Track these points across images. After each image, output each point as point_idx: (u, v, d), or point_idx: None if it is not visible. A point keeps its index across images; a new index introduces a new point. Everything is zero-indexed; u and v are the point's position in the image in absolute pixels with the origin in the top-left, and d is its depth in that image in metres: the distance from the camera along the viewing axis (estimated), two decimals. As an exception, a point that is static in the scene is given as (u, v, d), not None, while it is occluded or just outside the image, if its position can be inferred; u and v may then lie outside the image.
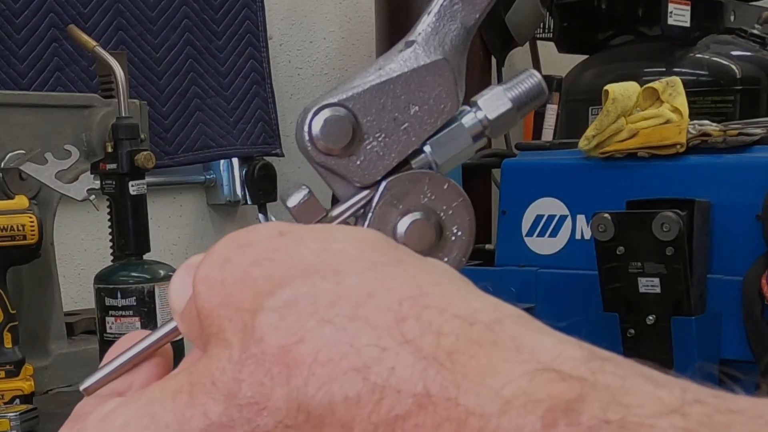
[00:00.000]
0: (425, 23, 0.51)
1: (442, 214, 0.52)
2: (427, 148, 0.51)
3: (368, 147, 0.50)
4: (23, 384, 1.47)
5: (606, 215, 2.02)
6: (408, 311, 0.33)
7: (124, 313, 1.43)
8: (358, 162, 0.50)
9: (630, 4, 2.74)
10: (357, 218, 0.52)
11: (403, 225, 0.51)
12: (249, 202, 2.73)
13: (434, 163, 0.51)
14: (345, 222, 0.51)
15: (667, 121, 2.10)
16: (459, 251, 0.52)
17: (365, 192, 0.51)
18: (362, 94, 0.50)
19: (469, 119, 0.52)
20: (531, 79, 0.52)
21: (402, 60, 0.51)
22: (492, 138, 0.53)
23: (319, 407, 0.32)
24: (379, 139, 0.50)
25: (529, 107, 0.52)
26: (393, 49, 0.51)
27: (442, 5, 0.51)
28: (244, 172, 2.70)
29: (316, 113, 0.50)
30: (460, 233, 0.52)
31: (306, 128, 0.50)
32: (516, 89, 0.52)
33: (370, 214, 0.51)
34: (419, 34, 0.51)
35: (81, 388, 0.46)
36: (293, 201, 0.49)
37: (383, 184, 0.51)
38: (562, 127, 2.84)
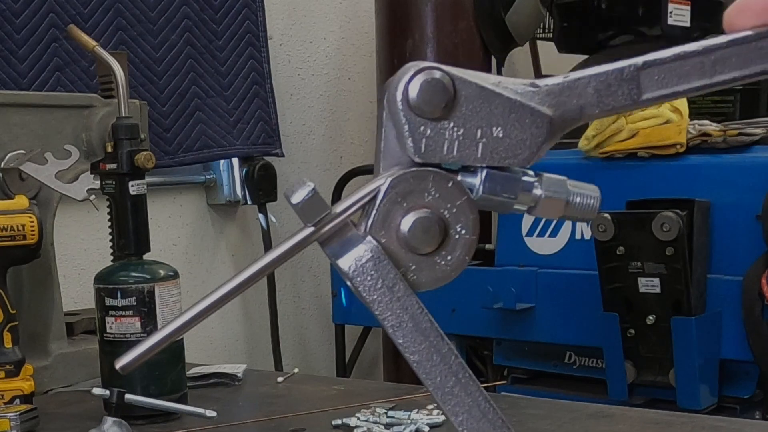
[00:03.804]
0: (557, 82, 0.52)
1: (446, 212, 0.52)
2: (482, 175, 0.52)
3: (442, 130, 0.51)
4: (23, 384, 1.47)
5: (606, 215, 2.02)
6: None
7: (124, 313, 1.43)
8: (425, 137, 0.51)
9: (630, 4, 2.75)
10: (362, 214, 0.52)
11: (407, 222, 0.51)
12: (249, 202, 2.73)
13: (478, 191, 0.52)
14: (349, 218, 0.51)
15: (667, 121, 2.10)
16: (463, 250, 0.52)
17: (370, 188, 0.51)
18: (473, 84, 0.51)
19: (527, 185, 0.53)
20: (593, 201, 0.54)
21: (520, 90, 0.52)
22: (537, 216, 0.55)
23: None
24: (455, 132, 0.51)
25: (573, 214, 0.54)
26: (518, 79, 0.53)
27: (586, 88, 0.52)
28: (244, 172, 2.70)
29: (425, 70, 0.50)
30: (464, 231, 0.52)
31: (411, 75, 0.51)
32: (579, 197, 0.54)
33: (374, 211, 0.51)
34: (548, 84, 0.52)
35: (118, 366, 0.47)
36: (297, 197, 0.49)
37: (388, 181, 0.51)
38: (561, 127, 2.84)
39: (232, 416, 1.45)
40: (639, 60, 0.53)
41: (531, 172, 0.53)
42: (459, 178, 0.52)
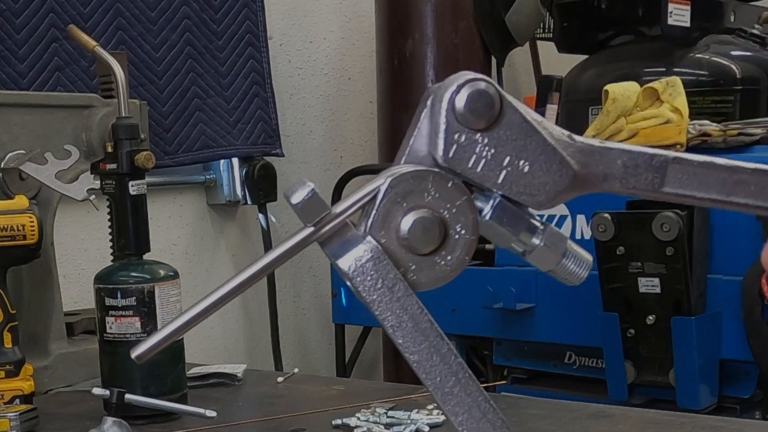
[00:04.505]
0: (593, 143, 0.54)
1: (446, 212, 0.52)
2: (494, 201, 0.53)
3: (474, 143, 0.52)
4: (23, 384, 1.47)
5: (606, 215, 2.02)
6: None
7: (124, 313, 1.43)
8: (457, 143, 0.52)
9: (630, 4, 2.74)
10: (361, 214, 0.52)
11: (407, 222, 0.51)
12: (249, 202, 2.73)
13: (486, 215, 0.53)
14: (349, 218, 0.51)
15: (667, 121, 2.10)
16: (462, 250, 0.52)
17: (370, 188, 0.51)
18: (519, 113, 0.51)
19: (531, 227, 0.54)
20: (582, 272, 0.55)
21: (557, 135, 0.53)
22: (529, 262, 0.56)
23: None
24: (486, 151, 0.52)
25: (560, 274, 0.55)
26: (558, 127, 0.54)
27: (616, 160, 0.54)
28: (244, 172, 2.70)
29: (480, 81, 0.51)
30: (464, 231, 0.52)
31: (466, 80, 0.51)
32: (572, 261, 0.55)
33: (374, 211, 0.51)
34: (584, 142, 0.53)
35: (133, 355, 0.48)
36: (297, 198, 0.49)
37: (387, 181, 0.51)
38: (562, 127, 2.84)
39: (232, 416, 1.45)
40: (671, 154, 0.54)
41: (538, 218, 0.55)
42: (474, 196, 0.53)
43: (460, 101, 0.51)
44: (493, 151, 0.52)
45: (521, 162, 0.52)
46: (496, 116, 0.51)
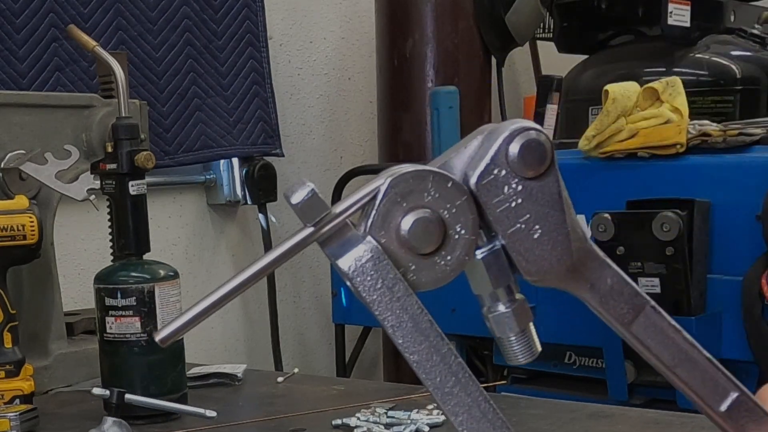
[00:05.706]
0: (598, 251, 0.55)
1: (445, 212, 0.52)
2: (495, 245, 0.54)
3: (508, 186, 0.52)
4: (23, 384, 1.47)
5: (606, 215, 2.02)
6: None
7: (124, 313, 1.43)
8: (495, 176, 0.52)
9: (630, 4, 2.74)
10: (361, 214, 0.52)
11: (407, 222, 0.51)
12: (249, 202, 2.73)
13: (481, 254, 0.54)
14: (349, 218, 0.51)
15: (667, 121, 2.10)
16: (462, 250, 0.52)
17: (370, 188, 0.51)
18: (557, 183, 0.53)
19: (508, 290, 0.55)
20: (522, 357, 0.57)
21: (575, 224, 0.55)
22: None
23: None
24: (514, 198, 0.52)
25: (503, 346, 0.56)
26: (579, 219, 0.55)
27: (607, 278, 0.55)
28: (244, 172, 2.70)
29: (543, 137, 0.52)
30: (463, 231, 0.52)
31: (531, 128, 0.52)
32: (521, 343, 0.57)
33: (373, 211, 0.51)
34: (592, 248, 0.56)
35: (157, 338, 0.48)
36: (297, 198, 0.49)
37: (387, 181, 0.51)
38: (562, 127, 2.84)
39: (232, 416, 1.45)
40: (651, 302, 0.55)
41: (518, 287, 0.55)
42: (481, 227, 0.53)
43: (516, 144, 0.51)
44: (519, 201, 0.52)
45: (536, 226, 0.53)
46: (541, 173, 0.52)
